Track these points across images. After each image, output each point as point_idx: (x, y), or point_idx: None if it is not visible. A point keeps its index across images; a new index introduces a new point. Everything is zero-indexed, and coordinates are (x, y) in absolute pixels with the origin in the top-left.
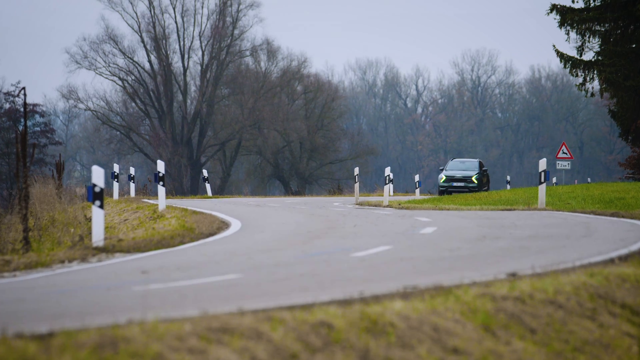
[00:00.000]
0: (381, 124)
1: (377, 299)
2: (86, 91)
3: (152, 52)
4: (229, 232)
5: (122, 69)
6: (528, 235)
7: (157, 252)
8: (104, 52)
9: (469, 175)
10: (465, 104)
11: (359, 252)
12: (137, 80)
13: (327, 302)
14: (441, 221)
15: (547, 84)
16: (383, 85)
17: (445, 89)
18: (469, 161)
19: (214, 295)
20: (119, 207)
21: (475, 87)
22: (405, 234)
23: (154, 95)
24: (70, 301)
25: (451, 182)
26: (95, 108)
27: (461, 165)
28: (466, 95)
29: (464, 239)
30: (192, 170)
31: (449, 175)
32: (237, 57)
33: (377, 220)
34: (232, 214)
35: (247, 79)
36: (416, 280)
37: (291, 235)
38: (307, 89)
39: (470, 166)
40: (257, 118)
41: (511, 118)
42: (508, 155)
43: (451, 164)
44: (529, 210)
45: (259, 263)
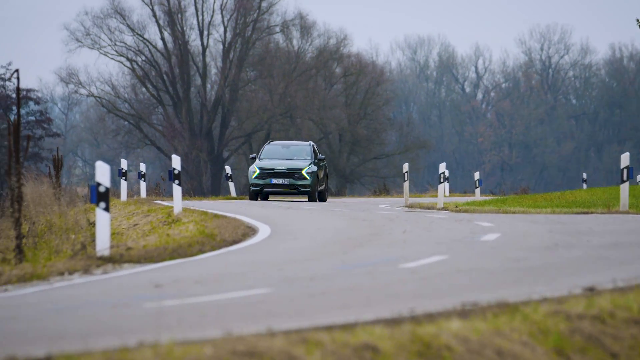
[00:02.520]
0: (435, 112)
1: (430, 317)
2: (89, 74)
3: (165, 28)
4: (257, 239)
5: (130, 48)
6: (608, 243)
7: (173, 263)
8: (109, 28)
9: (297, 168)
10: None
11: (409, 262)
12: (148, 62)
13: (372, 321)
14: (505, 226)
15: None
16: (437, 66)
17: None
18: (297, 145)
19: (239, 313)
20: (127, 210)
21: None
22: (464, 241)
23: (168, 78)
24: (71, 320)
25: (269, 177)
26: (100, 94)
27: (284, 152)
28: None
29: (532, 247)
30: (212, 167)
31: (265, 168)
32: (265, 33)
33: (430, 225)
34: (260, 217)
35: (277, 59)
36: (476, 295)
37: (329, 243)
38: (348, 72)
39: (299, 152)
40: (289, 105)
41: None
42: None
43: (268, 149)
44: (609, 213)
45: (292, 276)
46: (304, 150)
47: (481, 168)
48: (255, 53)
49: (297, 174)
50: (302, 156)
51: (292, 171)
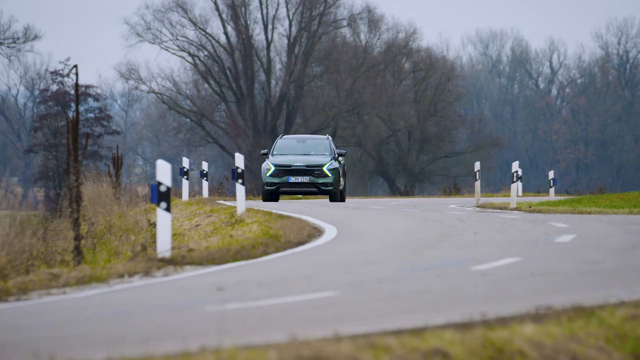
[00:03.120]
0: (507, 109)
1: (503, 321)
2: (149, 70)
3: (228, 22)
4: (322, 240)
5: (192, 43)
6: None
7: (236, 265)
8: (170, 23)
9: (317, 164)
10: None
11: (480, 265)
12: (211, 57)
13: (442, 325)
14: (581, 227)
15: None
16: (510, 61)
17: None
18: (314, 139)
19: (304, 317)
20: (189, 210)
21: (622, 63)
22: (537, 243)
23: (231, 74)
24: (130, 323)
25: (285, 175)
26: (161, 90)
27: (300, 147)
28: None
29: (609, 249)
30: None
31: (282, 165)
32: (331, 27)
33: (502, 226)
34: (326, 218)
35: (344, 54)
36: (550, 299)
37: (398, 244)
38: (417, 67)
39: (316, 147)
40: (356, 102)
41: None
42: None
43: (282, 143)
44: None
45: (359, 278)
46: (321, 145)
47: (556, 167)
48: (322, 48)
49: (318, 171)
50: (320, 151)
51: (312, 168)
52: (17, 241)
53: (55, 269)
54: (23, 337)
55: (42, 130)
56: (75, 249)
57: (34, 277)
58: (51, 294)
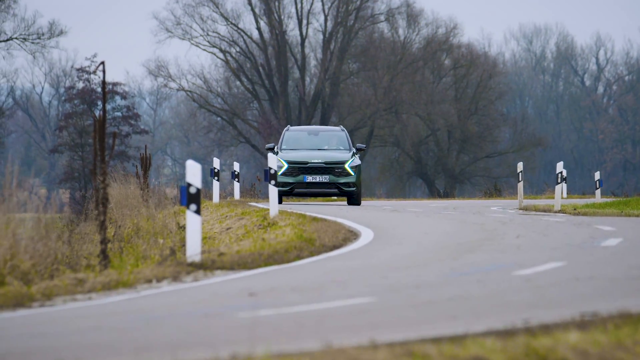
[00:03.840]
0: (551, 107)
1: (546, 329)
2: (179, 66)
3: (261, 17)
4: (358, 244)
5: (224, 39)
6: None
7: (268, 270)
8: (201, 18)
9: (338, 161)
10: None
11: (523, 269)
12: (243, 53)
13: (483, 332)
14: (628, 230)
15: None
16: (554, 58)
17: (633, 62)
18: (327, 131)
19: (339, 324)
20: (219, 213)
21: None
22: (583, 246)
23: (264, 71)
24: (158, 330)
25: (301, 174)
26: (191, 88)
27: (313, 140)
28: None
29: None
30: None
31: (297, 162)
32: (368, 22)
33: (546, 229)
34: (362, 221)
35: (382, 50)
36: (596, 305)
37: (437, 248)
38: (458, 63)
39: (330, 140)
40: (394, 100)
41: None
42: None
43: (290, 136)
44: None
45: (396, 283)
46: (336, 137)
47: (602, 167)
48: (358, 43)
49: (339, 169)
50: (336, 145)
51: (332, 165)
52: (42, 245)
53: (80, 274)
54: (47, 344)
55: (67, 130)
56: (102, 253)
57: (59, 282)
58: (76, 299)
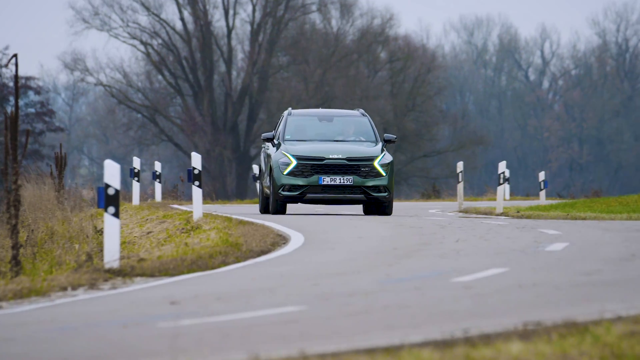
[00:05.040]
0: (494, 103)
1: (487, 339)
2: (97, 60)
3: (185, 7)
4: (288, 249)
5: (145, 30)
6: None
7: (191, 276)
8: (120, 7)
9: (364, 157)
10: (608, 77)
11: (463, 276)
12: (166, 45)
13: (420, 343)
14: (574, 234)
15: None
16: (497, 51)
17: (580, 55)
18: (344, 115)
19: (267, 334)
20: (140, 216)
21: (621, 53)
22: (526, 251)
23: (188, 65)
24: (74, 342)
25: (315, 173)
26: (109, 82)
27: (326, 128)
28: (609, 64)
29: (605, 258)
30: (238, 166)
31: (310, 157)
32: (299, 13)
33: (487, 233)
34: (293, 224)
35: (313, 42)
36: (540, 314)
37: (372, 253)
38: (394, 57)
39: (350, 128)
40: (327, 95)
41: None
42: None
43: (295, 122)
44: None
45: (328, 291)
46: (357, 124)
47: (547, 167)
48: (288, 35)
49: (366, 168)
50: (358, 134)
51: (357, 162)
52: None
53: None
54: None
55: None
56: (13, 259)
57: None
58: None
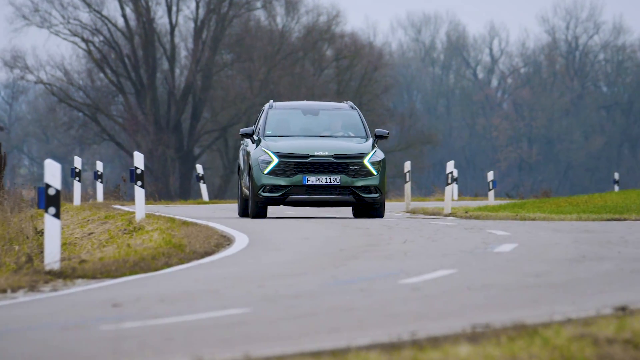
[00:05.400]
0: (442, 101)
1: (435, 341)
2: (37, 57)
3: (127, 4)
4: (232, 250)
5: (86, 27)
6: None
7: (134, 278)
8: (61, 4)
9: (353, 154)
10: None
11: (410, 277)
12: (107, 43)
13: (367, 346)
14: (523, 235)
15: None
16: (445, 49)
17: (530, 53)
18: (331, 109)
19: (210, 337)
20: (81, 217)
21: (571, 51)
22: (475, 253)
23: (130, 62)
24: (13, 345)
25: (298, 172)
26: (50, 80)
27: (313, 123)
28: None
29: (555, 259)
30: (182, 166)
31: (292, 155)
32: (244, 10)
33: (435, 234)
34: (237, 225)
35: (258, 40)
36: (489, 316)
37: (317, 255)
38: (340, 54)
39: (339, 122)
40: (272, 93)
41: (621, 94)
42: (616, 145)
43: (276, 116)
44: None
45: (274, 293)
46: (346, 118)
47: (496, 167)
48: (233, 32)
49: (355, 166)
50: (346, 129)
51: (346, 160)
52: None
53: None
54: None
55: None
56: None
57: None
58: None
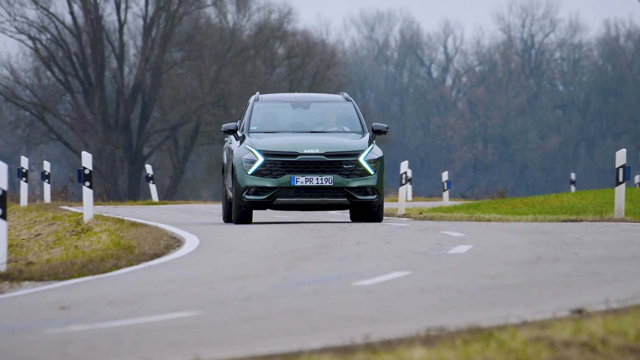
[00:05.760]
0: (395, 100)
1: (388, 345)
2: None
3: (75, 1)
4: (182, 252)
5: (33, 24)
6: (600, 257)
7: (82, 280)
8: (7, 1)
9: (347, 152)
10: (514, 74)
11: (364, 280)
12: (55, 40)
13: (320, 349)
14: (479, 237)
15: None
16: (398, 46)
17: (485, 52)
18: (323, 102)
19: (160, 340)
20: (28, 218)
21: (527, 49)
22: (429, 254)
23: (78, 60)
24: None
25: (286, 172)
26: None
27: (303, 117)
28: (515, 60)
29: (510, 261)
30: (130, 166)
31: (279, 153)
32: (194, 7)
33: (389, 235)
34: (187, 227)
35: (209, 38)
36: (444, 319)
37: (269, 256)
38: (292, 52)
39: (333, 116)
40: (222, 92)
41: (577, 93)
42: (573, 145)
43: (263, 110)
44: (602, 221)
45: (224, 296)
46: (340, 112)
47: (450, 167)
48: (183, 30)
49: (350, 165)
50: (340, 124)
51: (339, 158)
52: None
53: None
54: None
55: None
56: None
57: None
58: None
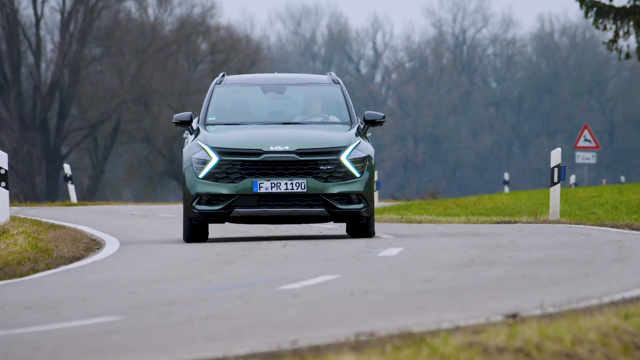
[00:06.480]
0: None
1: (317, 350)
2: None
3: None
4: (102, 254)
5: None
6: (535, 260)
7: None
8: None
9: (327, 148)
10: (445, 70)
11: (290, 283)
12: None
13: (245, 355)
14: (410, 239)
15: (562, 41)
16: (326, 42)
17: (415, 47)
18: (302, 84)
19: (80, 346)
20: None
21: (458, 45)
22: (358, 257)
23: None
24: None
25: (245, 177)
26: None
27: (276, 105)
28: (446, 56)
29: (442, 264)
30: (48, 166)
31: (237, 151)
32: (113, 1)
33: (316, 237)
34: (107, 228)
35: (129, 33)
36: (373, 324)
37: (193, 259)
38: (216, 48)
39: (316, 104)
40: (143, 89)
41: (511, 90)
42: (506, 144)
43: (226, 94)
44: (537, 223)
45: (146, 300)
46: (325, 97)
47: (380, 167)
48: (102, 25)
49: (328, 164)
50: (323, 112)
51: (312, 156)
52: None
53: None
54: None
55: None
56: None
57: None
58: None
